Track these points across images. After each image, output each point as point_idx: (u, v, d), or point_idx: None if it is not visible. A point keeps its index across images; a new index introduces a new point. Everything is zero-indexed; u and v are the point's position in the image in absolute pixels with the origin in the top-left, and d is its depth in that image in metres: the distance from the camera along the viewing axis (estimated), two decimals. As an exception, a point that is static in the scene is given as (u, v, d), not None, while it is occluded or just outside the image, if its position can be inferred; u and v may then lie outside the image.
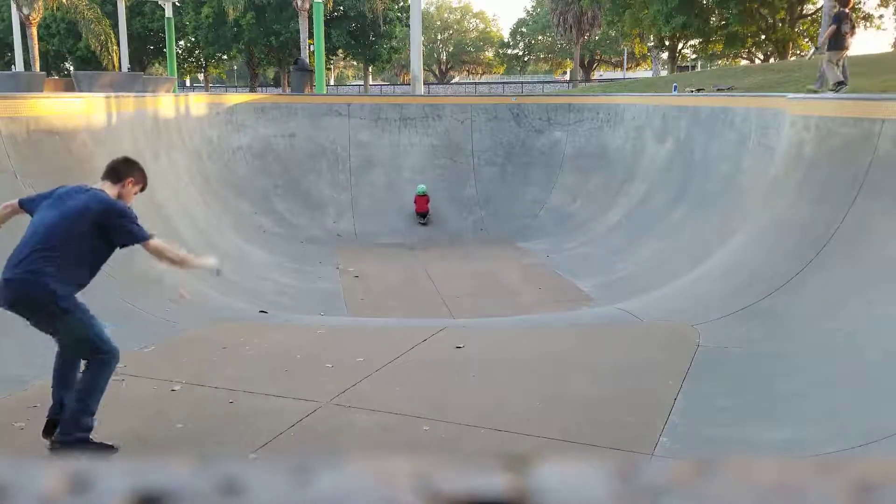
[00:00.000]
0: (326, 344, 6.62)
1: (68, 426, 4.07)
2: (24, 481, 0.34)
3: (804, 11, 32.50)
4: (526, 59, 66.77)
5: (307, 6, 27.22)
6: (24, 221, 4.27)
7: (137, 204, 4.70)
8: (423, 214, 15.38)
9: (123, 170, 4.47)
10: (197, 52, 46.99)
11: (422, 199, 15.39)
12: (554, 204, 15.81)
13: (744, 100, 12.62)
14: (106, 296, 7.08)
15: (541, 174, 16.41)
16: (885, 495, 0.33)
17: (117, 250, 4.29)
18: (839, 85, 10.90)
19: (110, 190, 4.34)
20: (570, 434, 4.68)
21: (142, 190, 4.64)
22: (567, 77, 62.02)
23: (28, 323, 4.13)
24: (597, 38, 51.45)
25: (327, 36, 35.23)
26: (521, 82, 61.93)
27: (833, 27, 11.16)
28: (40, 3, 26.37)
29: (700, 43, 35.51)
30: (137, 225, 4.24)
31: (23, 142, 7.79)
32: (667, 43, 36.56)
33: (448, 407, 5.06)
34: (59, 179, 8.20)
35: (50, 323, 4.06)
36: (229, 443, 4.48)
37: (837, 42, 11.19)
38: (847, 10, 11.39)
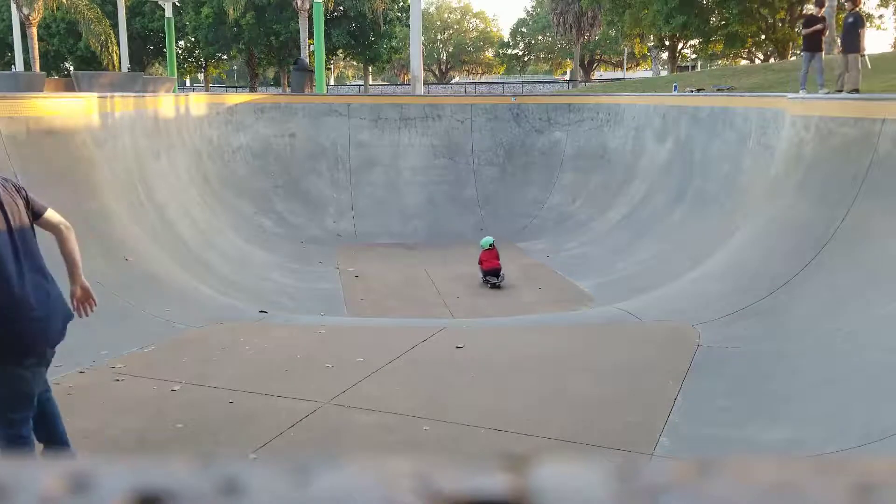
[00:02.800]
0: (326, 344, 6.62)
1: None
2: (24, 481, 0.34)
3: (804, 12, 32.50)
4: (526, 59, 66.75)
5: (307, 6, 27.22)
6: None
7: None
8: (495, 273, 11.28)
9: None
10: (197, 52, 46.97)
11: (490, 252, 11.56)
12: (554, 204, 15.81)
13: (744, 100, 12.63)
14: (106, 296, 7.09)
15: (541, 174, 16.41)
16: (885, 495, 0.33)
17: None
18: (854, 91, 10.96)
19: None
20: (570, 434, 4.68)
21: None
22: (567, 77, 62.01)
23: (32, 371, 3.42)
24: (597, 38, 51.43)
25: (327, 36, 35.23)
26: (521, 82, 61.94)
27: (862, 29, 11.23)
28: (40, 3, 26.36)
29: (700, 43, 35.51)
30: None
31: (23, 142, 7.79)
32: (667, 43, 36.56)
33: (448, 407, 5.06)
34: (59, 179, 8.22)
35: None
36: (229, 443, 4.48)
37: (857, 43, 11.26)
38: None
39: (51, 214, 3.48)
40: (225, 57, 47.71)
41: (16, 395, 3.34)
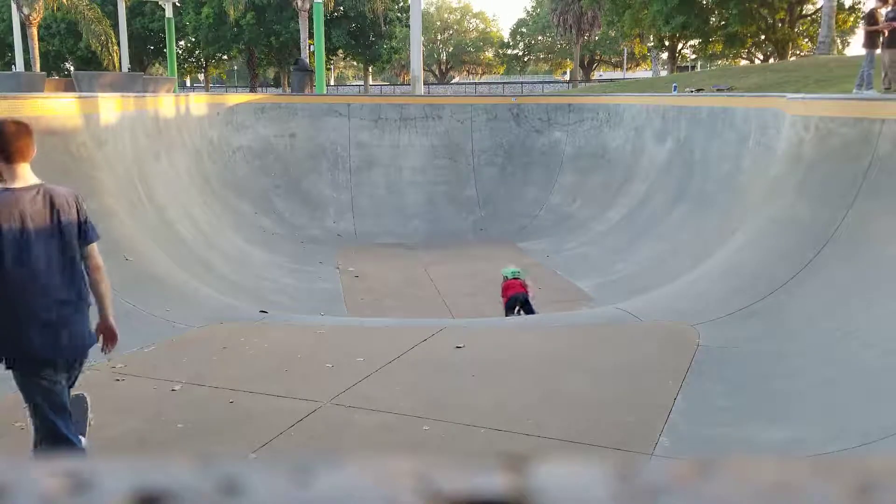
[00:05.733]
0: (326, 344, 6.62)
1: None
2: (24, 481, 0.34)
3: (804, 12, 32.52)
4: (526, 59, 66.75)
5: (307, 6, 27.23)
6: None
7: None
8: (520, 301, 9.04)
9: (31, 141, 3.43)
10: (197, 52, 47.00)
11: (515, 284, 9.28)
12: (554, 204, 15.81)
13: (743, 100, 12.63)
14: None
15: (541, 174, 16.41)
16: (885, 495, 0.33)
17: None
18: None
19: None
20: (569, 434, 4.68)
21: None
22: (567, 77, 62.01)
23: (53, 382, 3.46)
24: (597, 38, 51.45)
25: (327, 36, 35.23)
26: (521, 82, 61.92)
27: None
28: (41, 4, 26.37)
29: (700, 43, 35.52)
30: None
31: (23, 142, 7.77)
32: (666, 43, 36.55)
33: (448, 407, 5.06)
34: (59, 179, 8.20)
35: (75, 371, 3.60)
36: (229, 443, 4.48)
37: None
38: None
39: (94, 248, 3.56)
40: (225, 57, 47.75)
41: (46, 401, 3.43)
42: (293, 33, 37.15)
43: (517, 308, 9.05)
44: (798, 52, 35.36)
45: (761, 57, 36.58)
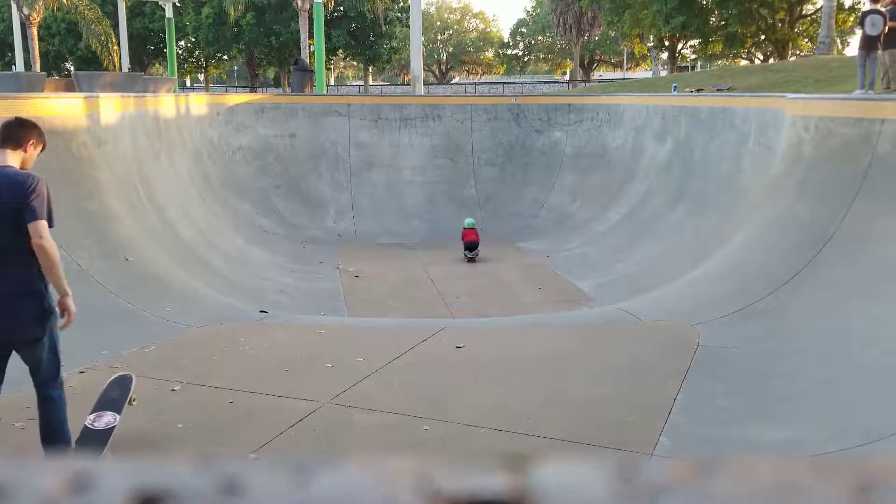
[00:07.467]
0: (326, 344, 6.62)
1: None
2: (24, 481, 0.34)
3: (804, 12, 32.50)
4: (526, 59, 66.75)
5: (307, 6, 27.22)
6: None
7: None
8: (471, 246, 13.01)
9: (22, 132, 3.75)
10: (197, 52, 46.98)
11: (470, 231, 13.27)
12: (554, 204, 15.81)
13: (743, 100, 12.63)
14: (106, 296, 7.09)
15: (541, 174, 16.41)
16: (885, 495, 0.33)
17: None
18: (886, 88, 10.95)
19: (14, 159, 3.70)
20: (570, 434, 4.68)
21: (42, 149, 3.86)
22: (567, 77, 62.00)
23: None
24: (596, 38, 51.45)
25: (327, 36, 35.21)
26: (521, 82, 61.88)
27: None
28: (41, 4, 26.36)
29: (699, 43, 35.48)
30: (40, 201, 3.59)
31: (23, 142, 7.77)
32: (666, 43, 36.56)
33: (448, 407, 5.06)
34: (59, 179, 8.21)
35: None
36: (229, 443, 4.48)
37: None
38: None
39: (36, 226, 3.55)
40: (225, 57, 47.74)
41: None
42: (293, 33, 37.13)
43: (467, 253, 12.86)
44: (798, 52, 35.34)
45: (761, 57, 36.57)
